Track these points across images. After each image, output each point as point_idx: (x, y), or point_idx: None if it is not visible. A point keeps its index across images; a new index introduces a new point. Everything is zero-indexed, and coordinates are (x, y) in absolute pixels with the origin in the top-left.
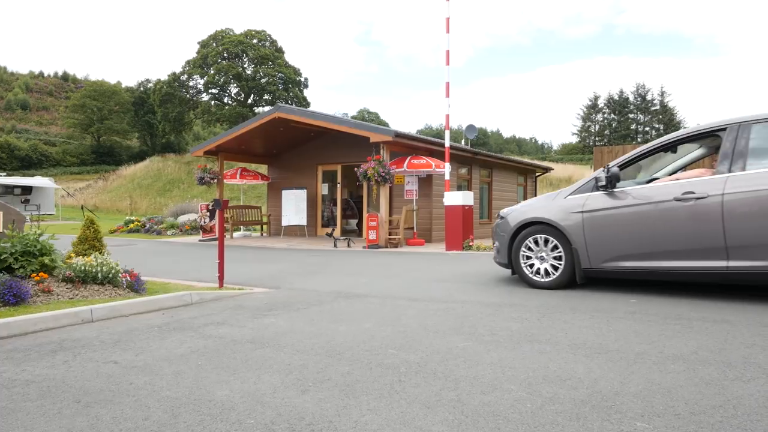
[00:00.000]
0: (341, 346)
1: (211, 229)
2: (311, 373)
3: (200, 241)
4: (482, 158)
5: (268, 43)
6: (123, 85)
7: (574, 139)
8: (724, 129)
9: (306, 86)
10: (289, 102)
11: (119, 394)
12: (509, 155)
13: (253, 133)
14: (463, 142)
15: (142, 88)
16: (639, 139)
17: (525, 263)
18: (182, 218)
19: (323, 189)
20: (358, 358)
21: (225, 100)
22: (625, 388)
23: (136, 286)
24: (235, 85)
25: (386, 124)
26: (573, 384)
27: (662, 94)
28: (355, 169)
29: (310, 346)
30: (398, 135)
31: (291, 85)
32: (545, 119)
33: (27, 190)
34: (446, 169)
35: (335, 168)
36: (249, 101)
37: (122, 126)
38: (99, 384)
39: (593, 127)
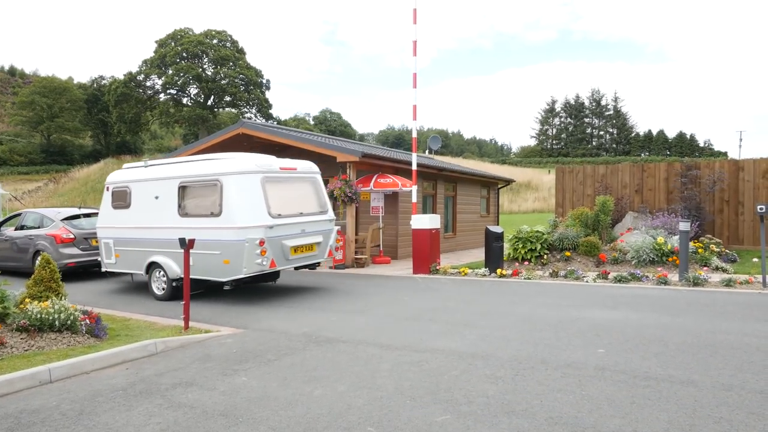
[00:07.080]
0: (318, 422)
1: None
2: None
3: None
4: (447, 174)
5: (229, 44)
6: (75, 82)
7: (533, 142)
8: (20, 214)
9: (268, 88)
10: (251, 104)
11: None
12: (472, 168)
13: (215, 148)
14: (426, 152)
15: (95, 85)
16: (594, 143)
17: None
18: None
19: None
20: None
21: (184, 101)
22: None
23: (96, 331)
24: (194, 86)
25: (349, 125)
26: None
27: (616, 99)
28: None
29: (287, 422)
30: (365, 155)
31: (252, 86)
32: (505, 121)
33: None
34: (413, 190)
35: None
36: (209, 103)
37: (74, 124)
38: None
39: (551, 130)
